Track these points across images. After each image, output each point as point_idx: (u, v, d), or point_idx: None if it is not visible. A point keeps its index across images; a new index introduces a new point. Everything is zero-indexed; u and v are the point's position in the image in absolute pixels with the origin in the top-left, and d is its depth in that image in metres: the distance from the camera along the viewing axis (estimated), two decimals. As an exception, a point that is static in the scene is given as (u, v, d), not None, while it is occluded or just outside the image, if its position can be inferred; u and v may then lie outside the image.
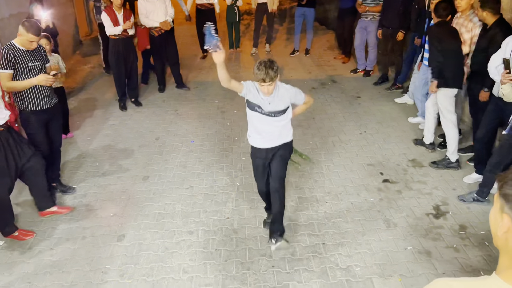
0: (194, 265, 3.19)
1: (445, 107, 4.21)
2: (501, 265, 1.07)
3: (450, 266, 3.10)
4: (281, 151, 3.10)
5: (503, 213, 1.05)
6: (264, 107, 2.93)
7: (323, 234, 3.47)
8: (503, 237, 1.06)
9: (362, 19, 6.73)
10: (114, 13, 5.50)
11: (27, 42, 3.52)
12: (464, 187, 4.03)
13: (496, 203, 1.09)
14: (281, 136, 3.06)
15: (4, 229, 3.49)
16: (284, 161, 3.14)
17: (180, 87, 6.77)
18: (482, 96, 3.99)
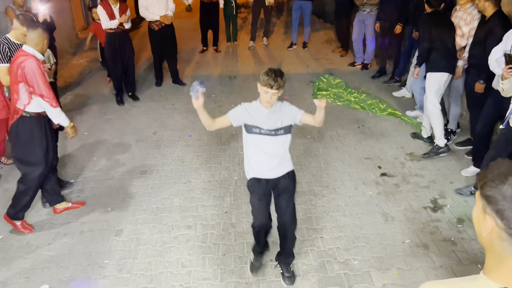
0: (192, 259, 3.19)
1: (430, 90, 4.23)
2: (488, 265, 1.07)
3: (447, 259, 3.11)
4: (285, 184, 2.79)
5: (485, 214, 1.05)
6: (263, 124, 2.69)
7: (321, 228, 3.48)
8: (487, 238, 1.06)
9: (360, 12, 6.71)
10: (110, 7, 5.46)
11: (21, 36, 3.49)
12: (461, 181, 4.04)
13: (478, 203, 1.08)
14: (281, 163, 2.77)
15: (15, 212, 3.48)
16: (291, 195, 2.83)
17: (176, 82, 6.72)
18: (478, 88, 4.00)
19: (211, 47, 8.35)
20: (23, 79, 3.19)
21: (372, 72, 6.83)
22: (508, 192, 0.99)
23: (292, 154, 4.48)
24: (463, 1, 4.25)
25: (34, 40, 3.23)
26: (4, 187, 4.17)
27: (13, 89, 3.28)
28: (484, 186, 1.04)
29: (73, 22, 8.39)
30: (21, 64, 3.15)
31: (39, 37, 3.23)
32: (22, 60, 3.16)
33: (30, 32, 3.23)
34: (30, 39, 3.23)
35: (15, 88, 3.24)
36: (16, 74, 3.18)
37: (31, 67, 3.15)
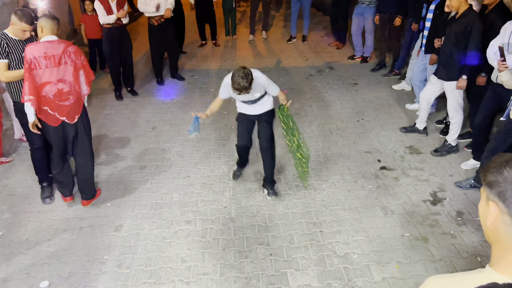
0: (192, 254, 3.20)
1: (459, 92, 4.14)
2: (494, 257, 1.07)
3: (447, 253, 3.11)
4: (265, 117, 3.64)
5: (489, 201, 1.05)
6: (244, 98, 3.44)
7: (321, 222, 3.48)
8: (492, 226, 1.05)
9: (359, 5, 6.66)
10: (107, 2, 5.41)
11: (20, 32, 3.46)
12: (461, 174, 4.03)
13: (482, 195, 1.09)
14: (263, 107, 3.60)
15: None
16: (270, 124, 3.68)
17: (174, 77, 6.65)
18: (479, 81, 3.98)
19: (210, 40, 8.30)
20: (82, 66, 3.46)
21: (371, 65, 6.80)
22: (509, 174, 1.01)
23: (292, 148, 4.50)
24: None
25: (54, 29, 3.35)
26: (3, 183, 4.16)
27: (76, 79, 3.44)
28: (486, 174, 1.05)
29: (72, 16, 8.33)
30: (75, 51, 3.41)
31: (56, 25, 3.36)
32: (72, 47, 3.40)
33: (50, 22, 3.31)
34: (52, 29, 3.33)
35: (76, 77, 3.44)
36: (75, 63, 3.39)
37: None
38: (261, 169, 4.18)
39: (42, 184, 3.93)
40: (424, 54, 4.88)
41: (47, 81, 3.28)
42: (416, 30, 5.45)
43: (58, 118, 3.43)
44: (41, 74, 3.26)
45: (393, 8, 5.94)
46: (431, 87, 4.34)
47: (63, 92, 3.36)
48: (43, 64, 3.24)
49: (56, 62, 3.28)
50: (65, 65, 3.33)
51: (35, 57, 3.22)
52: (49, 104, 3.36)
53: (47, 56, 3.24)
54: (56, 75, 3.30)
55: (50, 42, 3.29)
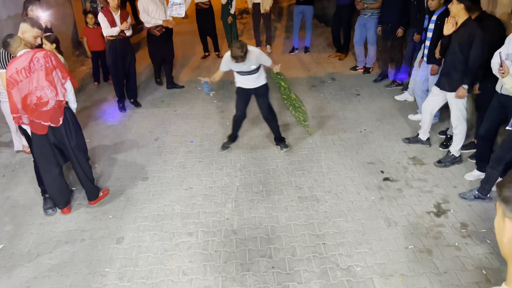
0: (193, 267, 3.17)
1: (462, 103, 4.12)
2: (511, 274, 1.03)
3: (451, 265, 3.07)
4: (261, 91, 4.40)
5: (505, 218, 1.02)
6: (240, 68, 4.18)
7: (323, 234, 3.45)
8: (508, 244, 1.01)
9: (361, 16, 6.69)
10: (111, 14, 5.47)
11: (32, 39, 3.56)
12: (465, 185, 4.00)
13: (498, 210, 1.05)
14: (257, 82, 4.34)
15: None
16: (266, 97, 4.46)
17: (171, 87, 6.80)
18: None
19: (213, 52, 8.35)
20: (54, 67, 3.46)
21: (374, 75, 6.80)
22: None
23: (294, 159, 4.52)
24: None
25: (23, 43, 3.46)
26: (6, 194, 4.17)
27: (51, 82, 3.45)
28: (502, 190, 1.02)
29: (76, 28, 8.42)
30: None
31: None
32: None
33: (18, 39, 3.43)
34: (22, 44, 3.43)
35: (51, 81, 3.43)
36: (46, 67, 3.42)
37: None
38: (263, 179, 4.20)
39: (45, 195, 3.93)
40: (426, 65, 4.88)
41: (26, 93, 3.38)
42: (418, 41, 5.46)
43: (44, 124, 3.48)
44: (20, 88, 3.36)
45: (395, 19, 5.96)
46: (433, 98, 4.33)
47: (41, 99, 3.42)
48: (18, 79, 3.34)
49: (27, 73, 3.35)
50: (36, 72, 3.37)
51: (10, 76, 3.33)
52: (33, 114, 3.43)
53: (18, 71, 3.34)
54: (31, 85, 3.37)
55: (19, 57, 3.39)
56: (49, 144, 3.60)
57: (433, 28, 4.70)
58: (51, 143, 3.61)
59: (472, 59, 3.83)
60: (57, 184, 3.74)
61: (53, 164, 3.68)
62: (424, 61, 4.93)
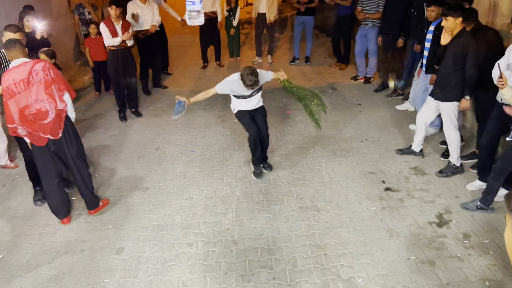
0: (193, 278, 3.14)
1: (454, 113, 4.13)
2: None
3: (454, 276, 3.03)
4: (260, 111, 4.33)
5: None
6: (243, 93, 4.03)
7: (325, 244, 3.42)
8: None
9: (362, 26, 6.72)
10: (112, 24, 5.51)
11: None
12: (467, 195, 3.97)
13: (508, 222, 1.04)
14: (257, 104, 4.26)
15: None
16: (265, 117, 4.36)
17: (156, 86, 7.21)
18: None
19: (213, 62, 8.40)
20: (53, 80, 3.47)
21: (374, 85, 6.81)
22: None
23: (295, 169, 4.51)
24: None
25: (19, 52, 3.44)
26: (6, 204, 4.16)
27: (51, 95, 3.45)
28: (511, 201, 1.01)
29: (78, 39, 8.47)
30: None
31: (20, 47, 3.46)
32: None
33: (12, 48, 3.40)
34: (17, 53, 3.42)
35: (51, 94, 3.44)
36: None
37: None
38: (264, 189, 4.18)
39: (36, 188, 4.15)
40: (425, 74, 4.89)
41: (25, 105, 3.35)
42: (419, 51, 5.48)
43: (43, 137, 3.48)
44: (18, 100, 3.33)
45: (395, 29, 5.99)
46: (428, 108, 4.33)
47: (41, 112, 3.41)
48: (15, 91, 3.30)
49: (26, 85, 3.32)
50: (36, 85, 3.35)
51: (7, 86, 3.29)
52: (31, 126, 3.42)
53: (16, 83, 3.30)
54: (30, 98, 3.35)
55: (16, 67, 3.35)
56: (49, 153, 3.60)
57: (431, 38, 4.72)
58: (52, 152, 3.61)
59: (468, 70, 3.84)
60: (57, 194, 3.73)
61: (53, 174, 3.67)
62: (423, 71, 4.94)
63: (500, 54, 3.57)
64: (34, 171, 3.98)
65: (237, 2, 8.08)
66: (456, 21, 3.82)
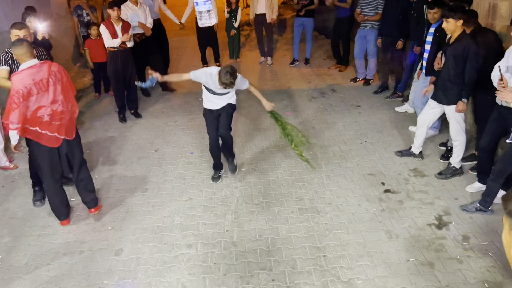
0: (192, 280, 3.14)
1: (460, 115, 4.12)
2: None
3: (453, 278, 3.03)
4: (227, 109, 4.15)
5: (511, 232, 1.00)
6: (216, 89, 3.95)
7: (324, 246, 3.42)
8: None
9: (361, 28, 6.74)
10: (112, 26, 5.51)
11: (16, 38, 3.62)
12: (466, 197, 3.98)
13: (505, 224, 1.04)
14: (227, 102, 4.11)
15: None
16: (229, 115, 4.18)
17: (164, 90, 7.15)
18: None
19: (212, 63, 8.40)
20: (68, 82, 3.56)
21: (374, 87, 6.82)
22: None
23: (295, 171, 4.50)
24: None
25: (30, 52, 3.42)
26: (5, 206, 4.15)
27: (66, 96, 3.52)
28: (507, 204, 1.01)
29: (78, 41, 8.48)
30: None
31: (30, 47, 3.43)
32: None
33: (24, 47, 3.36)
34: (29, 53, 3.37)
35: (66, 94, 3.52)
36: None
37: None
38: (264, 191, 4.18)
39: (35, 188, 4.15)
40: (425, 76, 4.90)
41: (40, 106, 3.34)
42: (418, 53, 5.48)
43: (59, 137, 3.50)
44: (34, 100, 3.31)
45: (395, 31, 6.00)
46: (430, 111, 4.33)
47: (58, 112, 3.43)
48: (34, 91, 3.29)
49: (45, 86, 3.34)
50: (54, 86, 3.39)
51: (26, 86, 3.25)
52: (47, 127, 3.41)
53: (36, 82, 3.30)
54: (48, 98, 3.36)
55: (33, 67, 3.33)
56: (57, 155, 3.60)
57: (431, 40, 4.72)
58: (64, 153, 3.63)
59: (467, 73, 3.84)
60: (60, 196, 3.74)
61: (58, 176, 3.68)
62: (423, 73, 4.95)
63: (500, 56, 3.57)
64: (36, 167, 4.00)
65: (238, 3, 8.09)
66: (457, 23, 3.82)
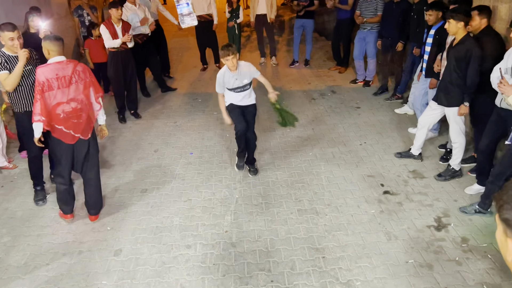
0: (191, 280, 3.13)
1: (461, 117, 4.13)
2: None
3: (452, 280, 3.04)
4: (251, 109, 4.41)
5: (507, 238, 1.00)
6: (235, 84, 4.17)
7: (323, 247, 3.42)
8: None
9: (361, 30, 6.75)
10: (112, 26, 5.52)
11: (9, 41, 3.62)
12: (465, 199, 3.98)
13: (499, 226, 1.04)
14: (249, 100, 4.37)
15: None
16: (254, 116, 4.45)
17: (165, 90, 7.15)
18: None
19: (212, 64, 8.41)
20: (91, 83, 3.60)
21: (374, 89, 6.83)
22: None
23: (294, 172, 4.50)
24: None
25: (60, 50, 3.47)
26: (4, 206, 4.15)
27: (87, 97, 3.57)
28: (501, 209, 1.01)
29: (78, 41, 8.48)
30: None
31: (61, 45, 3.48)
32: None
33: (56, 43, 3.40)
34: (58, 50, 3.43)
35: (87, 95, 3.57)
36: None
37: None
38: (263, 192, 4.19)
39: (36, 188, 4.17)
40: (425, 78, 4.91)
41: (59, 101, 3.38)
42: (418, 54, 5.49)
43: (74, 135, 3.52)
44: (54, 95, 3.35)
45: (394, 33, 6.01)
46: (431, 112, 4.33)
47: (76, 110, 3.47)
48: (55, 85, 3.34)
49: (67, 83, 3.38)
50: (76, 84, 3.44)
51: (48, 79, 3.32)
52: (64, 123, 3.44)
53: (58, 78, 3.35)
54: (68, 95, 3.40)
55: (59, 63, 3.39)
56: (73, 154, 3.63)
57: (431, 42, 4.73)
58: (83, 153, 3.66)
59: (469, 77, 3.84)
60: (68, 191, 3.77)
61: (70, 174, 3.72)
62: (423, 75, 4.95)
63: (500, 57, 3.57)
64: (36, 169, 4.07)
65: (238, 2, 8.09)
66: (458, 25, 3.82)
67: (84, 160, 3.69)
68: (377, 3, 6.41)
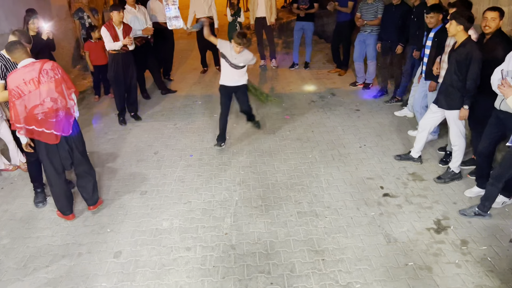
0: (191, 283, 3.13)
1: (462, 121, 4.15)
2: None
3: (452, 283, 3.04)
4: (242, 89, 5.00)
5: None
6: (231, 59, 4.73)
7: (323, 250, 3.42)
8: None
9: (361, 32, 6.77)
10: (113, 29, 5.52)
11: None
12: (465, 201, 3.98)
13: None
14: (239, 81, 4.91)
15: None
16: (245, 93, 5.07)
17: (165, 92, 7.18)
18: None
19: (213, 66, 8.42)
20: (63, 79, 3.58)
21: (373, 91, 6.84)
22: None
23: (294, 174, 4.51)
24: None
25: (25, 52, 3.50)
26: (4, 207, 4.15)
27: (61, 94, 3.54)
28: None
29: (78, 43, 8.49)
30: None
31: (24, 47, 3.52)
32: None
33: (19, 49, 3.46)
34: (23, 53, 3.48)
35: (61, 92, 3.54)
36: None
37: None
38: (263, 194, 4.19)
39: (37, 190, 4.19)
40: (424, 81, 4.92)
41: (34, 104, 3.39)
42: (417, 57, 5.51)
43: (56, 134, 3.53)
44: (27, 100, 3.36)
45: (394, 36, 6.03)
46: (432, 115, 4.34)
47: (53, 109, 3.46)
48: (25, 90, 3.34)
49: (36, 84, 3.37)
50: (46, 84, 3.41)
51: (17, 86, 3.33)
52: (44, 125, 3.45)
53: (26, 82, 3.35)
54: (40, 96, 3.39)
55: (25, 66, 3.41)
56: (58, 152, 3.64)
57: (430, 45, 4.74)
58: (66, 150, 3.67)
59: (469, 80, 3.85)
60: (65, 192, 3.80)
61: (61, 172, 3.74)
62: (423, 78, 4.97)
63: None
64: (36, 172, 4.08)
65: (238, 4, 8.11)
66: (457, 27, 3.83)
67: (70, 155, 3.73)
68: (377, 6, 6.43)
